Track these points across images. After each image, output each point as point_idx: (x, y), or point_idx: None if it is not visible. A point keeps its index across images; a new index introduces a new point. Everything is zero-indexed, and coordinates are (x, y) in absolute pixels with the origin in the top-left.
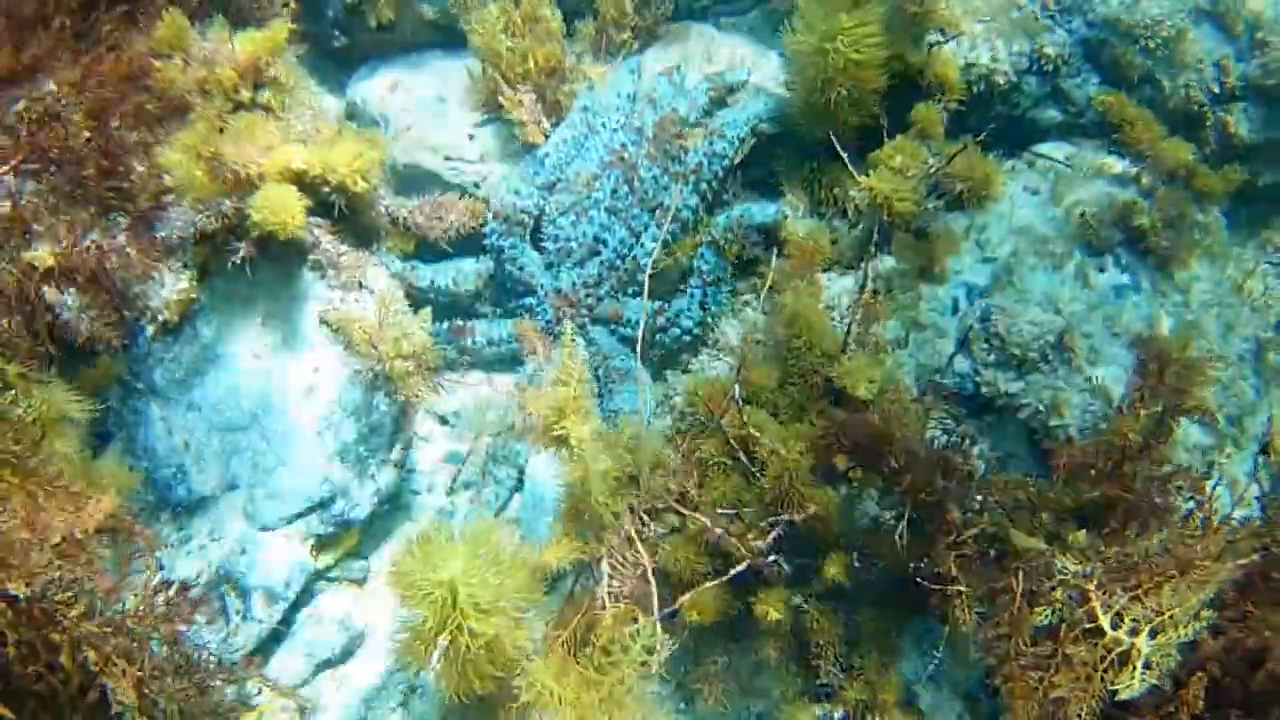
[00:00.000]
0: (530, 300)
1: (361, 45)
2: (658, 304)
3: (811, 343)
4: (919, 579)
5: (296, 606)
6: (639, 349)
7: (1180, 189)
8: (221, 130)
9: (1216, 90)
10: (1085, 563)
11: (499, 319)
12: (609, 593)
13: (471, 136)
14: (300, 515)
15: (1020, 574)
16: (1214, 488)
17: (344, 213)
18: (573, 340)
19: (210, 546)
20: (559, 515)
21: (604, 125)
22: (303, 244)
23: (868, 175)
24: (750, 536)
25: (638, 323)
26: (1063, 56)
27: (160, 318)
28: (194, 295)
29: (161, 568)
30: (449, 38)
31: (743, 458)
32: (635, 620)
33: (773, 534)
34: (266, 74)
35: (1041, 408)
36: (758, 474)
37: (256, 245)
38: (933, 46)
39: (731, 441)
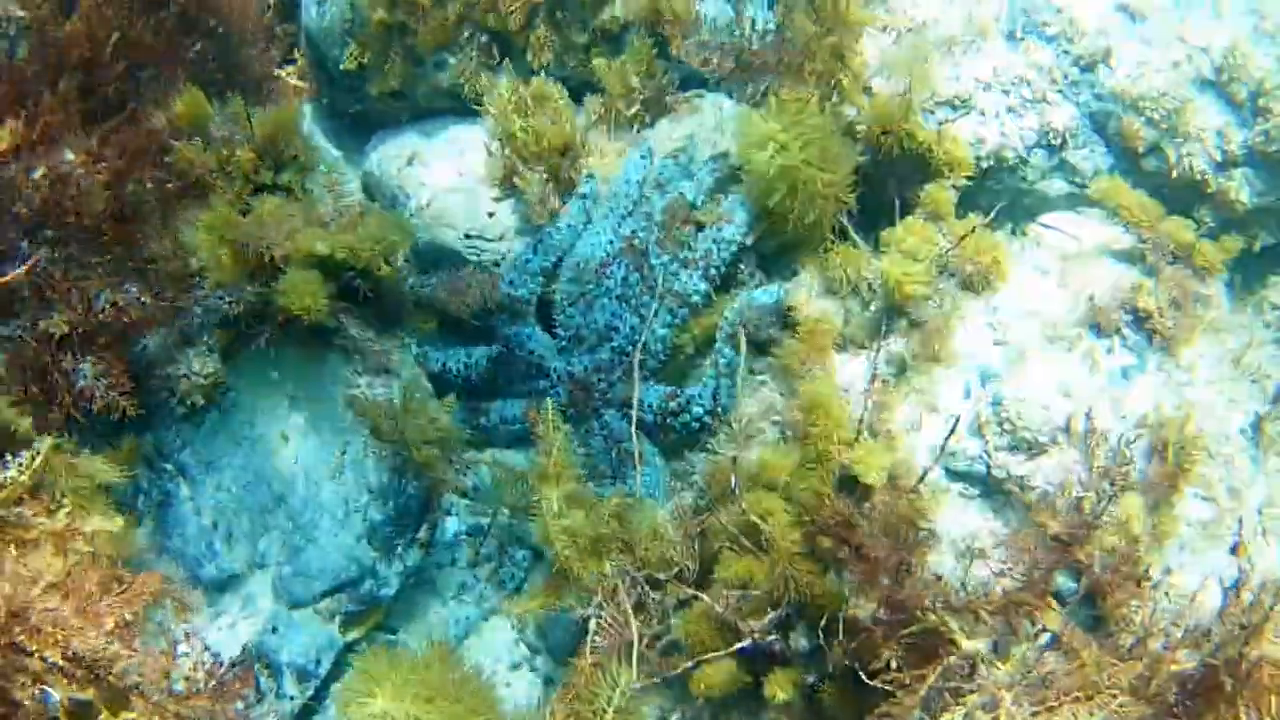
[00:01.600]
0: (543, 383)
1: (375, 112)
2: (670, 389)
3: (829, 430)
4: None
5: (327, 683)
6: (631, 427)
7: (1183, 269)
8: (244, 213)
9: (1219, 158)
10: (1019, 672)
11: (513, 399)
12: (591, 648)
13: (491, 214)
14: (329, 593)
15: (940, 670)
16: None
17: (368, 296)
18: (553, 417)
19: (241, 624)
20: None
21: (612, 210)
22: (328, 328)
23: (880, 253)
24: (757, 616)
25: (649, 406)
26: (1071, 130)
27: (190, 400)
28: (221, 378)
29: (206, 647)
30: (462, 104)
31: (744, 540)
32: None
33: (771, 615)
34: (285, 154)
35: (1050, 489)
36: (764, 556)
37: (282, 329)
38: (942, 124)
39: (733, 526)
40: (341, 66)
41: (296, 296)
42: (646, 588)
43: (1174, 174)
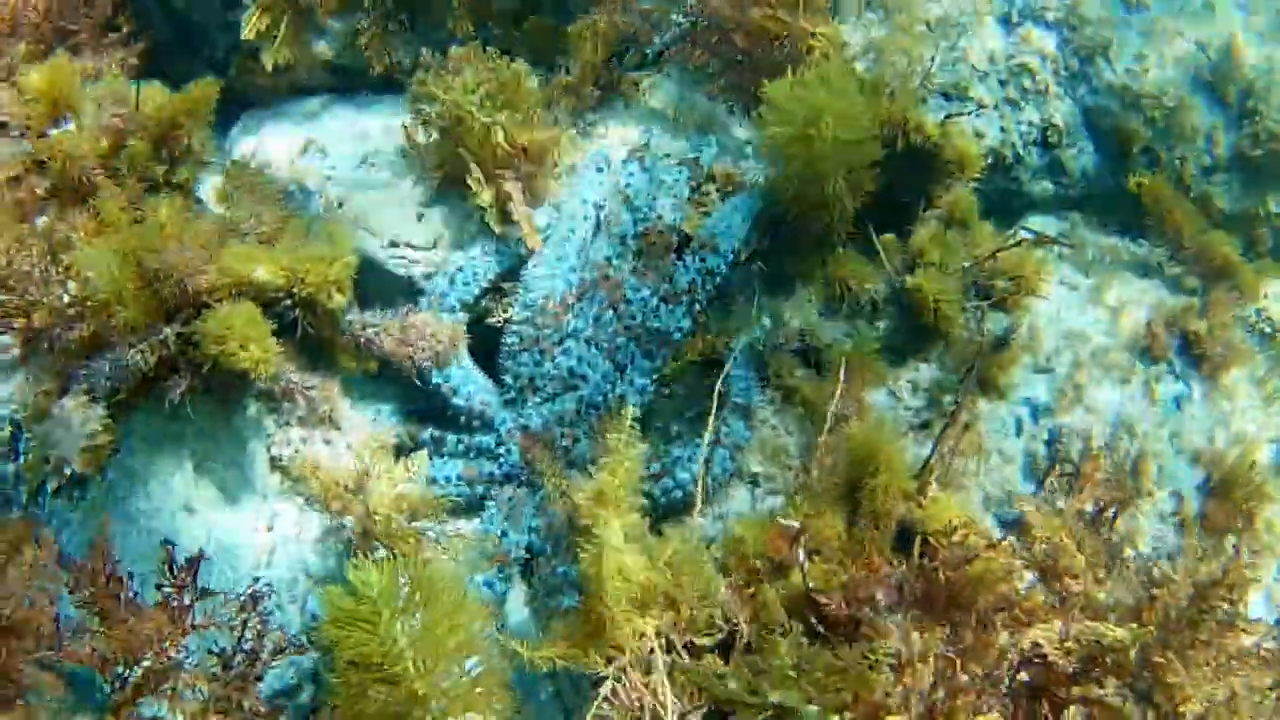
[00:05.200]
0: (486, 439)
1: (244, 90)
2: (650, 450)
3: (888, 482)
4: None
5: None
6: None
7: (1226, 287)
8: (139, 222)
9: (1208, 162)
10: None
11: (448, 457)
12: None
13: (420, 216)
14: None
15: None
16: None
17: (306, 330)
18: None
19: None
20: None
21: (568, 239)
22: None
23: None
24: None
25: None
26: (1068, 126)
27: (67, 469)
28: (108, 438)
29: None
30: (350, 81)
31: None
32: None
33: None
34: (179, 144)
35: (1115, 539)
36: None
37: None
38: (948, 118)
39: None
40: (243, 36)
41: (235, 343)
42: (683, 653)
43: (1164, 176)
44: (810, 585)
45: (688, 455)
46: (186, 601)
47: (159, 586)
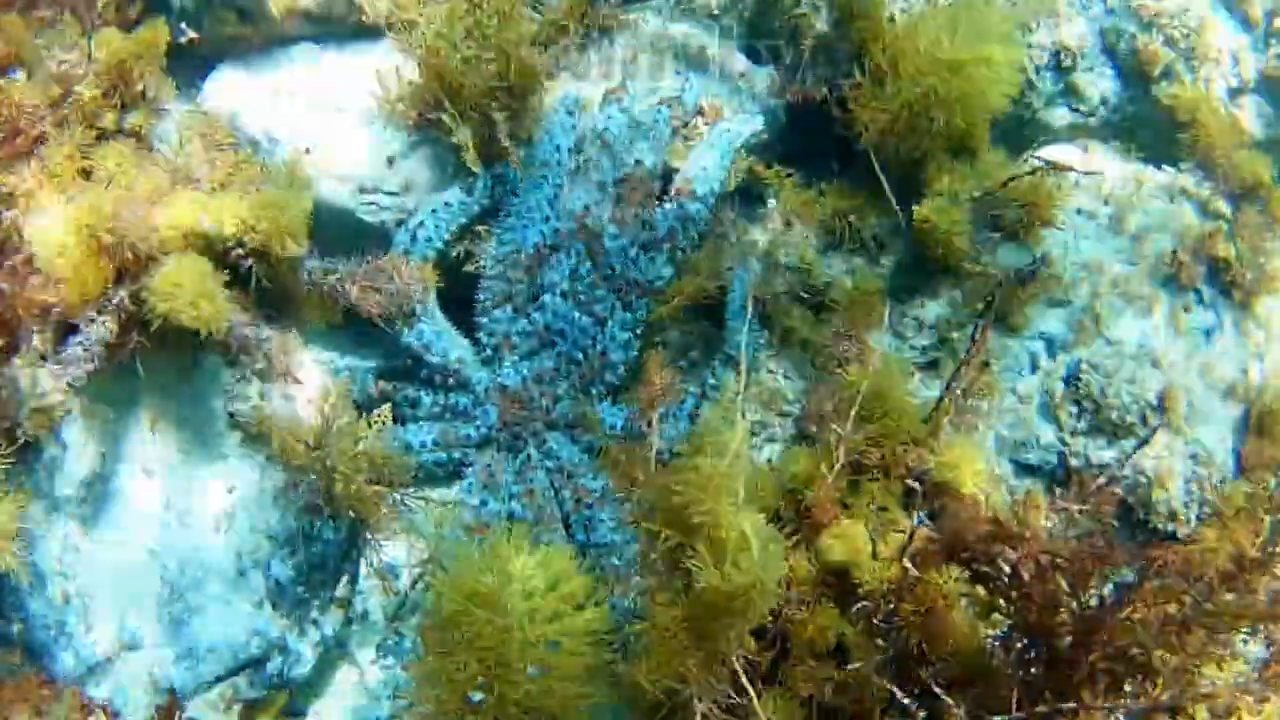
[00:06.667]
0: (462, 399)
1: (216, 40)
2: (633, 409)
3: (897, 428)
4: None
5: None
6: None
7: (1257, 210)
8: (86, 173)
9: (1234, 83)
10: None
11: (423, 421)
12: None
13: (391, 161)
14: (224, 678)
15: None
16: None
17: (259, 281)
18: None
19: None
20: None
21: (540, 186)
22: None
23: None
24: None
25: (615, 428)
26: (1082, 49)
27: (18, 435)
28: (61, 399)
29: None
30: (322, 29)
31: None
32: None
33: None
34: (132, 90)
35: (1142, 480)
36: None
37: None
38: None
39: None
40: None
41: (184, 300)
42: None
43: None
44: None
45: (673, 411)
46: None
47: None
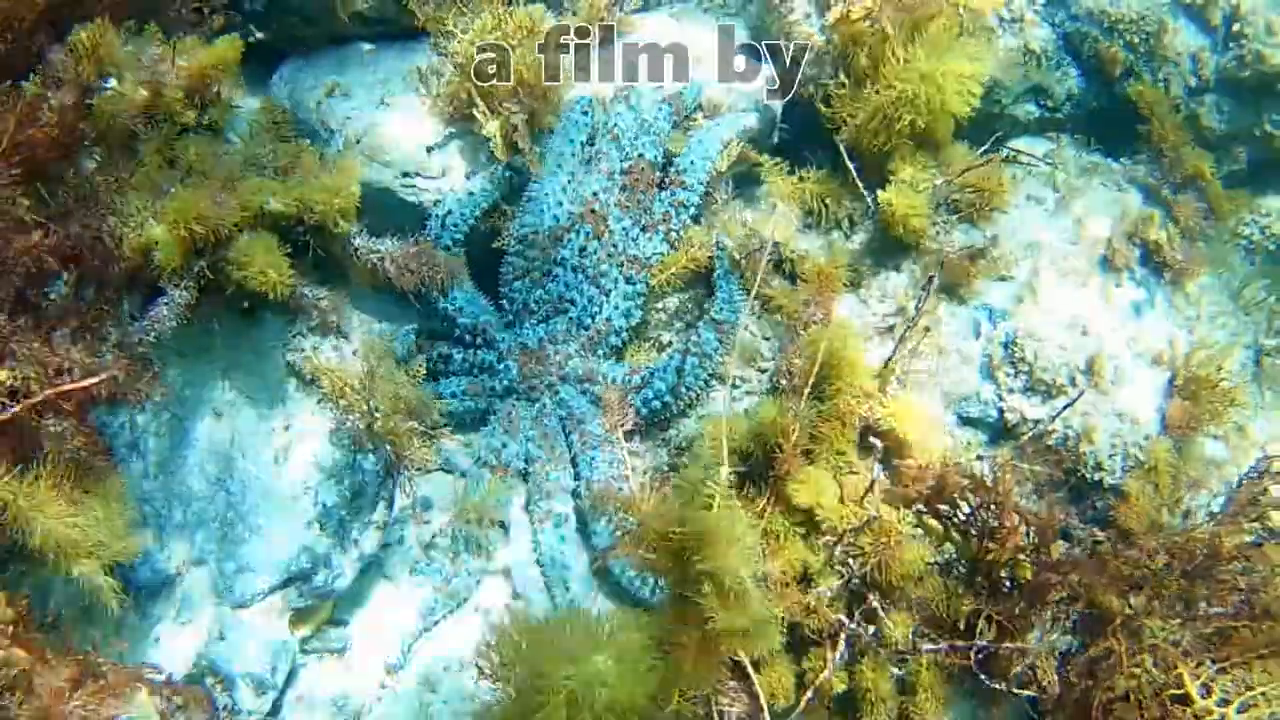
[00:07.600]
0: (488, 355)
1: (281, 41)
2: (631, 366)
3: (849, 383)
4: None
5: (282, 690)
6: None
7: (1192, 198)
8: (171, 163)
9: (1193, 83)
10: (1173, 630)
11: (454, 375)
12: None
13: (430, 149)
14: (277, 589)
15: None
16: None
17: (315, 252)
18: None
19: (183, 633)
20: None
21: (555, 173)
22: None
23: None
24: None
25: (616, 381)
26: (1047, 52)
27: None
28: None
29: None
30: (376, 30)
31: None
32: None
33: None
34: (209, 93)
35: (1071, 434)
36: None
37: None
38: None
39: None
40: None
41: (255, 269)
42: None
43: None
44: None
45: (663, 366)
46: None
47: None
